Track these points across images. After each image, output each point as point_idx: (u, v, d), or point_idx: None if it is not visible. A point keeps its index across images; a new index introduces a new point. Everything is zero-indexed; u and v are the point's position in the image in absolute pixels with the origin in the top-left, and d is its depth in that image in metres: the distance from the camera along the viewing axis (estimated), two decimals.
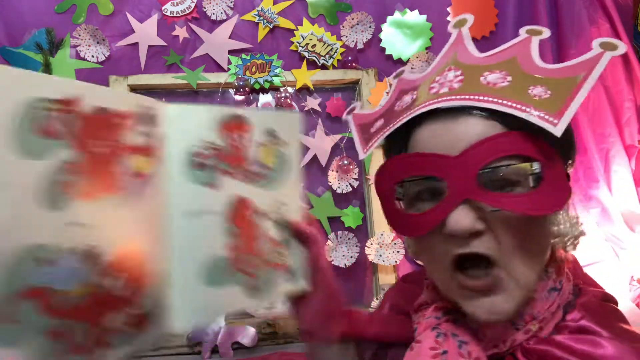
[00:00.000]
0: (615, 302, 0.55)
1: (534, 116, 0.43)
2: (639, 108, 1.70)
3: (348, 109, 0.66)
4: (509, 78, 0.47)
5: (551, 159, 0.45)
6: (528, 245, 0.47)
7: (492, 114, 0.46)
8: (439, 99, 0.47)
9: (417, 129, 0.50)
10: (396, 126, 0.50)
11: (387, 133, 0.51)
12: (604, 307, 0.52)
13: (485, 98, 0.46)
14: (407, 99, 0.53)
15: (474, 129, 0.46)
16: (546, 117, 0.43)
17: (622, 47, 0.46)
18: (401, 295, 0.66)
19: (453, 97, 0.47)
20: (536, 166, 0.45)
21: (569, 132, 0.49)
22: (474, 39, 0.59)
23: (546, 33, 0.52)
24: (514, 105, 0.44)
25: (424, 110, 0.48)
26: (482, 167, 0.45)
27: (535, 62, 0.49)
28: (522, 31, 0.53)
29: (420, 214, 0.49)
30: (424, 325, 0.53)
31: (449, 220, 0.46)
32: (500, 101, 0.45)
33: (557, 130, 0.42)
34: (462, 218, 0.45)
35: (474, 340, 0.49)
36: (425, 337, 0.51)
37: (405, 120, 0.49)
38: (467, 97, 0.46)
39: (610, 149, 1.68)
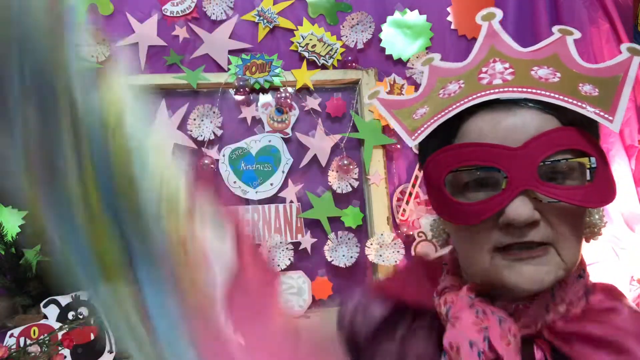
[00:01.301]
0: None
1: (591, 112, 0.46)
2: (639, 108, 1.70)
3: (371, 92, 0.63)
4: (558, 74, 0.49)
5: (601, 155, 0.49)
6: (576, 232, 0.50)
7: (548, 108, 0.48)
8: (497, 90, 0.49)
9: (470, 119, 0.50)
10: (452, 113, 0.50)
11: (443, 120, 0.51)
12: (617, 290, 0.56)
13: (543, 92, 0.47)
14: (453, 87, 0.53)
15: (532, 122, 0.47)
16: (602, 113, 0.46)
17: None
18: (420, 273, 0.64)
19: (510, 88, 0.48)
20: (593, 161, 0.47)
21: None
22: (473, 39, 0.59)
23: (576, 34, 0.54)
24: (572, 101, 0.46)
25: (483, 99, 0.49)
26: (543, 159, 0.46)
27: (577, 60, 0.51)
28: (555, 30, 0.55)
29: (475, 203, 0.49)
30: (459, 303, 0.52)
31: (508, 210, 0.47)
32: (558, 96, 0.47)
33: (615, 126, 0.45)
34: (521, 208, 0.46)
35: (510, 318, 0.50)
36: (465, 313, 0.51)
37: (461, 108, 0.50)
38: (525, 89, 0.48)
39: (610, 149, 1.68)
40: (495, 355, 0.48)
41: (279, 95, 1.69)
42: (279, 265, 1.62)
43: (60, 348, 1.04)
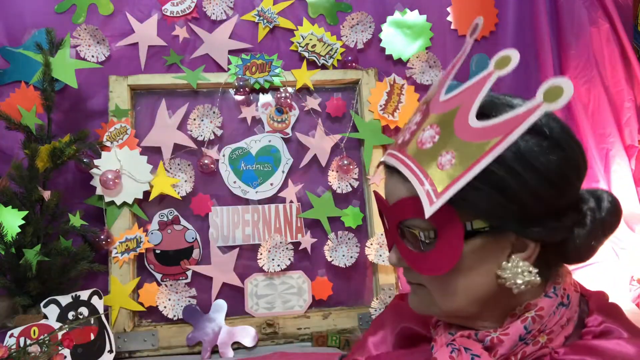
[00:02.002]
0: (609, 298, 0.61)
1: (423, 191, 0.50)
2: (639, 108, 1.70)
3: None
4: (437, 138, 0.52)
5: (448, 226, 0.50)
6: (445, 285, 0.54)
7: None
8: (389, 152, 0.58)
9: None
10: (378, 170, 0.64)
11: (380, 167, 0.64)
12: (612, 305, 0.58)
13: (407, 162, 0.53)
14: (410, 122, 0.61)
15: (397, 189, 0.56)
16: (432, 193, 0.49)
17: (566, 95, 0.44)
18: (405, 316, 0.71)
19: (394, 152, 0.56)
20: (422, 235, 0.53)
21: (520, 190, 0.49)
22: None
23: (514, 61, 0.49)
24: (419, 175, 0.51)
25: (380, 160, 0.61)
26: (397, 223, 0.56)
27: (468, 118, 0.50)
28: (492, 63, 0.51)
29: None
30: (439, 343, 0.59)
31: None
32: (413, 167, 0.52)
33: (427, 212, 0.48)
34: (391, 256, 0.59)
35: (486, 353, 0.54)
36: (441, 353, 0.56)
37: (380, 164, 0.62)
38: (400, 156, 0.55)
39: (610, 149, 1.68)
40: None
41: (279, 95, 1.69)
42: (279, 266, 1.62)
43: (60, 348, 1.04)
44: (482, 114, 0.50)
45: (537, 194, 0.50)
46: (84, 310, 1.38)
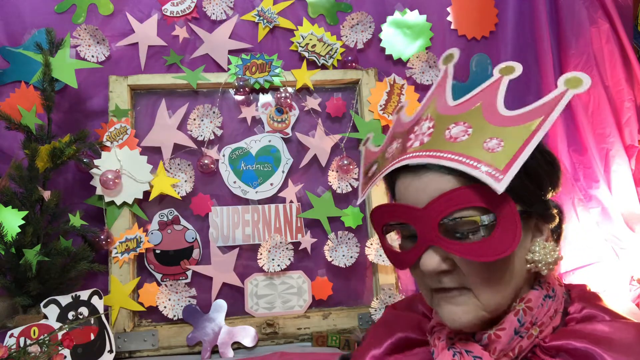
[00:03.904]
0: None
1: (482, 173, 0.49)
2: (639, 108, 1.70)
3: (364, 140, 0.74)
4: (470, 130, 0.53)
5: (504, 208, 0.51)
6: (492, 276, 0.54)
7: (448, 170, 0.53)
8: (408, 155, 0.56)
9: (397, 180, 0.60)
10: (378, 179, 0.61)
11: (373, 185, 0.62)
12: (592, 294, 0.62)
13: (445, 155, 0.52)
14: (394, 146, 0.61)
15: (433, 185, 0.54)
16: (494, 173, 0.49)
17: (586, 83, 0.51)
18: (399, 325, 0.72)
19: (418, 153, 0.55)
20: (485, 218, 0.52)
21: (539, 171, 0.56)
22: (473, 39, 0.60)
23: (518, 70, 0.57)
24: (468, 162, 0.51)
25: (395, 166, 0.57)
26: (441, 218, 0.53)
27: (497, 109, 0.54)
28: (496, 71, 0.57)
29: (402, 252, 0.59)
30: (440, 347, 0.60)
31: (420, 262, 0.56)
32: (456, 158, 0.51)
33: (500, 187, 0.48)
34: (428, 261, 0.55)
35: (487, 354, 0.56)
36: (443, 357, 0.58)
37: (383, 174, 0.59)
38: (429, 153, 0.54)
39: (610, 149, 1.68)
40: None
41: (279, 95, 1.69)
42: (279, 266, 1.62)
43: (60, 348, 1.03)
44: None
45: (547, 173, 0.57)
46: (84, 310, 1.38)
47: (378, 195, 1.66)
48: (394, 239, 0.64)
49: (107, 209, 1.57)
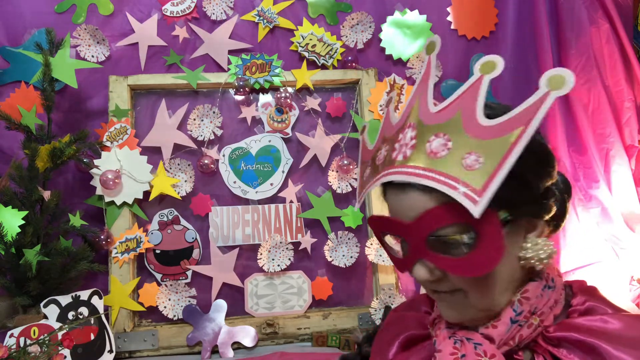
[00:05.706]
0: None
1: (460, 194, 0.49)
2: (639, 108, 1.70)
3: (361, 129, 0.74)
4: (450, 144, 0.52)
5: (485, 223, 0.51)
6: (482, 282, 0.56)
7: (431, 187, 0.53)
8: (392, 170, 0.56)
9: (387, 192, 0.62)
10: (366, 192, 0.64)
11: (363, 196, 0.65)
12: (592, 287, 0.64)
13: (426, 173, 0.52)
14: (382, 152, 0.62)
15: (417, 202, 0.55)
16: (471, 194, 0.48)
17: (569, 83, 0.47)
18: (404, 325, 0.73)
19: (402, 169, 0.55)
20: (465, 237, 0.53)
21: (526, 175, 0.55)
22: (473, 39, 0.59)
23: (499, 66, 0.53)
24: (447, 181, 0.50)
25: (381, 182, 0.58)
26: (427, 235, 0.54)
27: (476, 118, 0.52)
28: (476, 68, 0.55)
29: (398, 258, 0.61)
30: (442, 336, 0.62)
31: (412, 272, 0.58)
32: (437, 177, 0.51)
33: (476, 211, 0.48)
34: (420, 272, 0.57)
35: (487, 341, 0.58)
36: (445, 345, 0.60)
37: (371, 187, 0.61)
38: (412, 170, 0.54)
39: (610, 149, 1.68)
40: None
41: (279, 95, 1.69)
42: (279, 266, 1.62)
43: (60, 348, 1.04)
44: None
45: (537, 174, 0.56)
46: (84, 310, 1.38)
47: (378, 195, 1.66)
48: (393, 242, 0.65)
49: (107, 209, 1.57)
